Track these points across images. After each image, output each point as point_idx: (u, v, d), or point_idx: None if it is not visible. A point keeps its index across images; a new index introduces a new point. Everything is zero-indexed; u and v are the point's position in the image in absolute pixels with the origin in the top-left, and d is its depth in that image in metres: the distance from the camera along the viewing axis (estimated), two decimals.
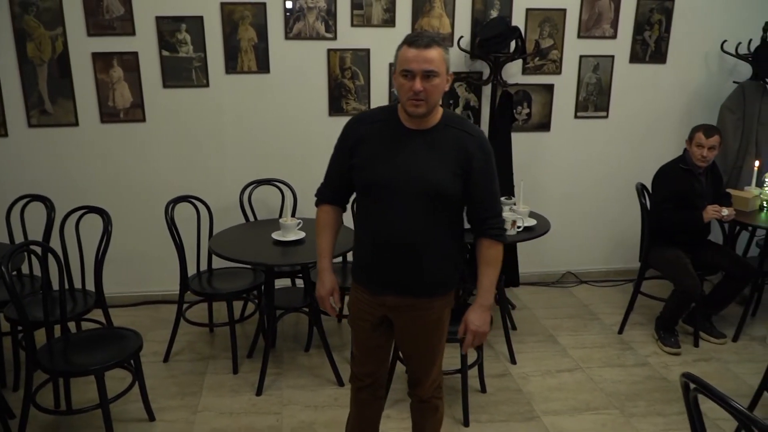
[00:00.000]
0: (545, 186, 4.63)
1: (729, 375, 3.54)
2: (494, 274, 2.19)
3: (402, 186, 2.05)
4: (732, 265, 3.80)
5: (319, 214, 2.32)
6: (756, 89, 4.35)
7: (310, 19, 4.11)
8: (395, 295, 2.18)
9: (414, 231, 2.09)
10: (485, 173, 2.10)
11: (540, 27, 4.34)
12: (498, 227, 2.16)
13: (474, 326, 2.19)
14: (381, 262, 2.16)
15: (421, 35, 2.00)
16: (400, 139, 2.09)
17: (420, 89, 1.96)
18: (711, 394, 1.69)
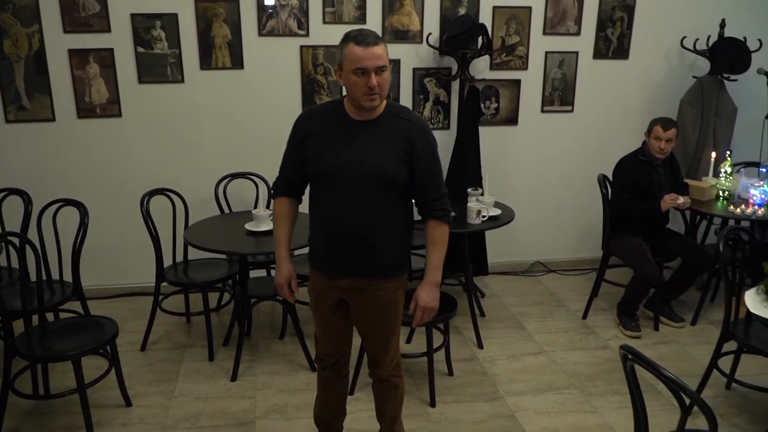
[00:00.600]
0: (514, 178, 4.78)
1: (686, 356, 3.71)
2: (441, 253, 2.32)
3: (352, 174, 2.18)
4: (689, 252, 3.98)
5: (276, 206, 2.44)
6: (714, 83, 4.52)
7: (283, 16, 4.21)
8: (350, 277, 2.30)
9: (365, 216, 2.21)
10: (428, 157, 2.24)
11: (506, 24, 4.49)
12: (442, 208, 2.30)
13: (424, 302, 2.33)
14: (335, 246, 2.28)
15: (365, 34, 2.11)
16: (348, 130, 2.21)
17: (375, 84, 2.10)
18: (644, 363, 1.84)
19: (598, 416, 3.13)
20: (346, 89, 2.18)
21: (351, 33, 2.13)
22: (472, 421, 3.08)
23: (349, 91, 2.17)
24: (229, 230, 3.61)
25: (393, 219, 2.28)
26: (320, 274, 2.38)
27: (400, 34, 4.37)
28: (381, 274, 2.31)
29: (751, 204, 3.95)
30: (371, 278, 2.30)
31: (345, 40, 2.13)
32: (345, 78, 2.15)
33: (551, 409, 3.19)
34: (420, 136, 2.23)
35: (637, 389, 1.92)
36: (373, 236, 2.24)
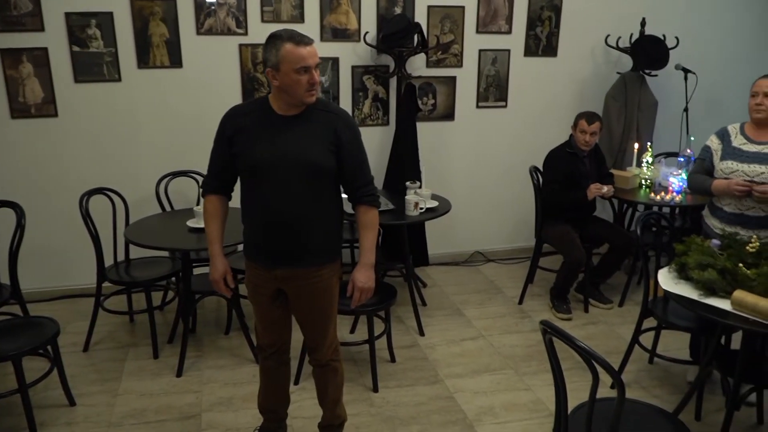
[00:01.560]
0: (451, 172, 4.94)
1: (613, 335, 3.95)
2: (373, 236, 2.46)
3: (282, 166, 2.28)
4: (615, 237, 4.22)
5: (206, 204, 2.51)
6: (636, 79, 4.79)
7: (221, 15, 4.25)
8: (285, 267, 2.40)
9: (297, 206, 2.32)
10: (353, 146, 2.37)
11: (441, 23, 4.64)
12: (371, 194, 2.43)
13: (360, 283, 2.45)
14: (269, 237, 2.37)
15: (300, 34, 2.22)
16: (276, 125, 2.31)
17: (318, 80, 2.25)
18: (560, 336, 2.00)
19: (530, 393, 3.32)
20: (284, 88, 2.24)
21: (283, 34, 2.21)
22: (413, 404, 3.22)
23: (290, 89, 2.23)
24: (171, 227, 3.64)
25: (324, 208, 2.39)
26: (256, 265, 2.46)
27: (338, 32, 4.47)
28: (315, 262, 2.41)
29: (671, 191, 4.21)
30: (306, 267, 2.40)
31: (278, 41, 2.20)
32: (284, 78, 2.21)
33: (487, 389, 3.36)
34: (345, 126, 2.35)
35: (555, 360, 2.08)
36: (305, 226, 2.35)
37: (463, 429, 3.03)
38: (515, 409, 3.19)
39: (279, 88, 2.26)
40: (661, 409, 2.34)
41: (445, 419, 3.10)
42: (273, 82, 2.26)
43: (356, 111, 4.65)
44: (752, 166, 2.93)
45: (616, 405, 1.90)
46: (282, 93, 2.27)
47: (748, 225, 2.97)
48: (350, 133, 2.37)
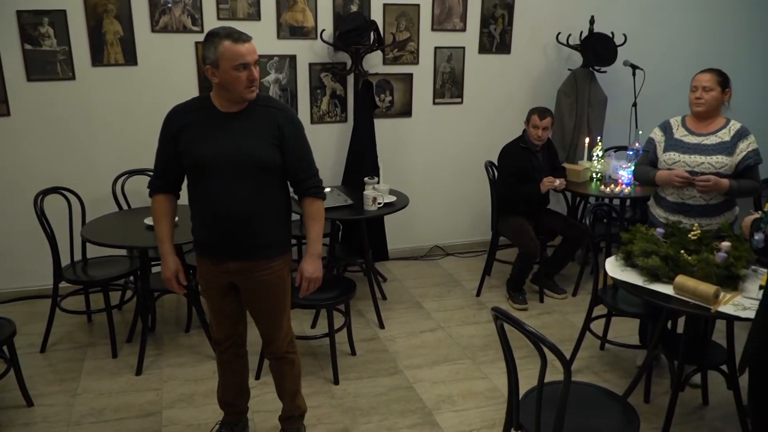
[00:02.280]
0: (410, 167, 5.02)
1: (567, 324, 4.08)
2: (319, 227, 2.52)
3: (228, 161, 2.31)
4: (567, 229, 4.35)
5: (154, 204, 2.53)
6: (586, 75, 4.94)
7: (176, 12, 4.24)
8: (236, 261, 2.43)
9: (244, 200, 2.35)
10: (296, 140, 2.42)
11: (397, 21, 4.71)
12: (315, 186, 2.49)
13: (308, 273, 2.51)
14: (218, 233, 2.40)
15: (238, 31, 2.24)
16: (220, 122, 2.34)
17: (257, 76, 2.29)
18: (510, 321, 2.09)
19: (488, 381, 3.41)
20: (224, 85, 2.28)
21: (221, 32, 2.24)
22: (373, 395, 3.28)
23: (229, 86, 2.27)
24: (129, 226, 3.62)
25: (271, 201, 2.43)
26: (207, 261, 2.50)
27: (294, 30, 4.50)
28: (265, 254, 2.45)
29: (620, 184, 4.37)
30: (256, 260, 2.44)
31: (216, 38, 2.23)
32: (223, 75, 2.25)
33: (446, 379, 3.44)
34: (287, 120, 2.39)
35: (506, 345, 2.17)
36: (253, 219, 2.38)
37: (422, 417, 3.10)
38: (472, 397, 3.27)
39: (219, 85, 2.29)
40: (610, 392, 2.45)
41: (404, 408, 3.17)
42: (213, 80, 2.29)
43: (314, 108, 4.69)
44: (693, 156, 3.07)
45: (563, 385, 1.99)
46: (222, 90, 2.31)
47: (690, 214, 3.11)
48: (293, 127, 2.41)
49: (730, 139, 3.03)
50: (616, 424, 2.23)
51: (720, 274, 2.61)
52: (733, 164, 3.01)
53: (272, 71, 4.52)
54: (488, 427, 3.02)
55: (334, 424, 3.04)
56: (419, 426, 3.03)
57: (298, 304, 3.36)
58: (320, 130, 4.73)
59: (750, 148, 3.01)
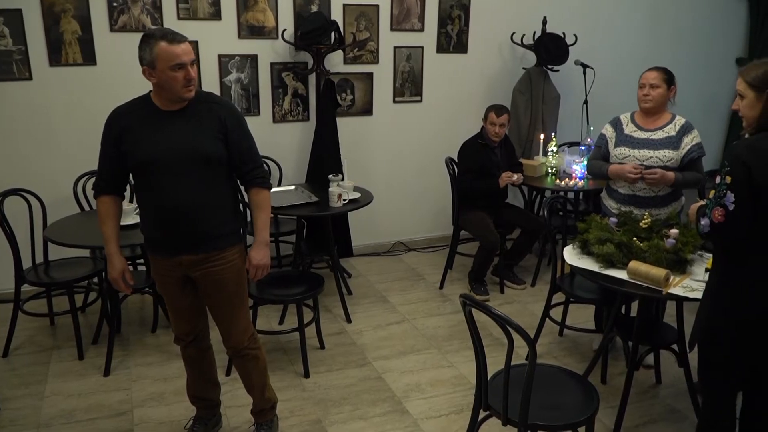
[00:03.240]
0: (372, 165, 5.11)
1: (527, 312, 4.23)
2: (266, 216, 2.60)
3: (173, 158, 2.36)
4: (525, 222, 4.51)
5: (99, 205, 2.54)
6: (539, 74, 5.12)
7: (135, 12, 4.22)
8: (188, 254, 2.48)
9: (192, 194, 2.40)
10: (239, 132, 2.48)
11: (356, 21, 4.79)
12: (261, 176, 2.56)
13: (255, 261, 2.59)
14: (168, 229, 2.45)
15: (173, 32, 2.30)
16: (162, 120, 2.39)
17: (194, 76, 2.34)
18: (478, 306, 2.20)
19: (453, 369, 3.53)
20: (162, 85, 2.33)
21: (156, 33, 2.29)
22: (343, 386, 3.36)
23: (167, 86, 2.32)
24: (92, 226, 3.59)
25: (218, 193, 2.48)
26: (160, 257, 2.54)
27: (255, 30, 4.53)
28: (216, 245, 2.50)
29: (574, 177, 4.55)
30: (208, 251, 2.49)
31: (151, 40, 2.28)
32: (160, 75, 2.29)
33: (413, 368, 3.54)
34: (228, 114, 2.46)
35: (474, 329, 2.28)
36: (202, 211, 2.44)
37: (393, 405, 3.20)
38: (440, 385, 3.39)
39: (157, 85, 2.35)
40: (571, 371, 2.59)
41: (375, 398, 3.26)
42: (150, 80, 2.34)
43: (276, 107, 4.73)
44: (642, 151, 3.25)
45: (529, 361, 2.11)
46: (161, 90, 2.36)
47: (640, 204, 3.29)
48: (234, 120, 2.47)
49: (675, 133, 3.23)
50: (577, 400, 2.37)
51: (670, 258, 2.78)
52: (679, 158, 3.21)
53: (233, 71, 4.54)
54: (456, 412, 3.14)
55: (307, 415, 3.11)
56: (390, 413, 3.13)
57: (268, 300, 3.42)
58: (283, 129, 4.77)
59: (694, 142, 3.21)
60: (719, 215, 2.10)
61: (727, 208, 2.08)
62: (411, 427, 3.04)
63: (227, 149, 2.44)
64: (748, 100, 2.15)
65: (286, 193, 4.12)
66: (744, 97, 2.16)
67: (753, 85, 2.12)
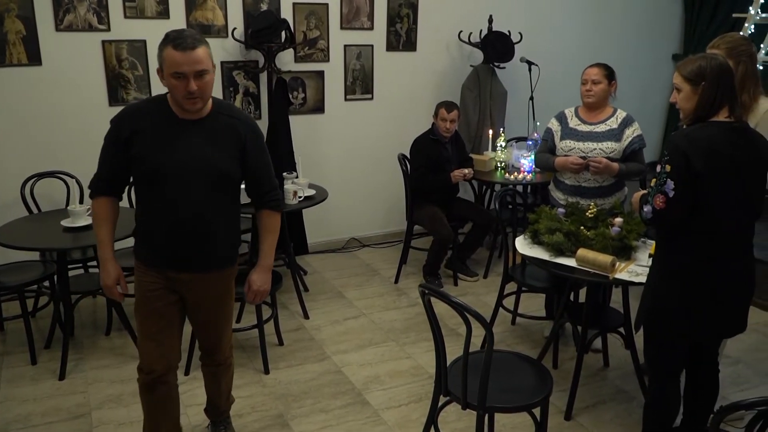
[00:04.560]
0: (325, 162, 5.14)
1: (480, 303, 4.35)
2: (274, 240, 2.51)
3: (186, 171, 2.23)
4: (477, 215, 4.64)
5: (96, 206, 2.39)
6: (487, 71, 5.25)
7: (81, 11, 4.14)
8: (189, 272, 2.36)
9: (201, 212, 2.28)
10: (259, 152, 2.38)
11: (306, 19, 4.82)
12: (276, 199, 2.48)
13: (257, 286, 2.51)
14: (173, 243, 2.32)
15: (184, 36, 2.11)
16: (177, 128, 2.25)
17: (195, 89, 2.14)
18: (437, 295, 2.28)
19: (411, 360, 3.61)
20: (170, 91, 2.22)
21: (171, 34, 2.14)
22: (304, 381, 3.40)
23: (172, 92, 2.21)
24: (44, 229, 3.53)
25: (227, 213, 2.39)
26: (155, 271, 2.38)
27: (204, 28, 4.51)
28: (217, 266, 2.42)
29: (523, 171, 4.70)
30: (210, 271, 2.40)
31: (164, 41, 2.14)
32: (166, 80, 2.17)
33: (372, 361, 3.61)
34: (249, 131, 2.34)
35: (434, 318, 2.36)
36: (209, 231, 2.33)
37: (353, 397, 3.25)
38: (399, 376, 3.46)
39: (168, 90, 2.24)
40: (525, 356, 2.70)
41: (335, 391, 3.31)
42: (162, 83, 2.21)
43: None
44: (586, 143, 3.40)
45: (486, 345, 2.20)
46: (172, 96, 2.25)
47: (586, 195, 3.44)
48: (255, 139, 2.36)
49: (617, 126, 3.39)
50: (532, 382, 2.48)
51: (615, 245, 2.93)
52: (621, 149, 3.37)
53: None
54: (415, 401, 3.22)
55: (268, 410, 3.14)
56: (351, 405, 3.19)
57: None
58: None
59: (635, 134, 3.38)
60: (660, 202, 2.24)
61: (667, 195, 2.22)
62: (372, 417, 3.10)
63: (243, 169, 2.33)
64: (684, 93, 2.29)
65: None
66: (681, 90, 2.30)
67: (689, 78, 2.26)
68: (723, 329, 2.47)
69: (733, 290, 2.34)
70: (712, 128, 2.23)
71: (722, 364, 3.46)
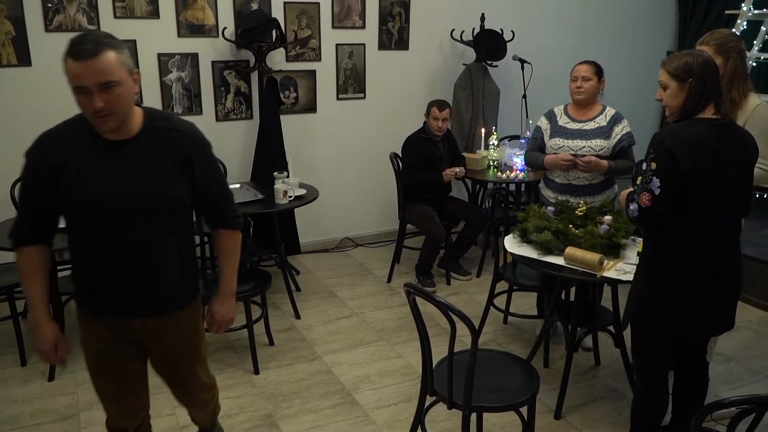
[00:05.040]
0: (317, 162, 5.13)
1: (473, 302, 4.34)
2: (236, 262, 2.20)
3: (124, 204, 1.87)
4: (469, 214, 4.63)
5: (21, 258, 1.96)
6: (479, 69, 5.24)
7: (71, 11, 4.13)
8: (144, 317, 2.02)
9: (149, 247, 1.95)
10: (209, 168, 2.02)
11: (298, 18, 4.81)
12: (234, 216, 2.15)
13: (219, 317, 2.21)
14: (120, 288, 1.97)
15: (85, 41, 1.73)
16: (106, 153, 1.87)
17: (100, 106, 1.74)
18: (421, 294, 2.27)
19: (402, 360, 3.61)
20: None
21: (73, 40, 1.75)
22: (294, 381, 3.39)
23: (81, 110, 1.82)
24: None
25: (179, 242, 2.04)
26: (101, 321, 2.02)
27: (195, 28, 4.50)
28: (177, 305, 2.08)
29: (515, 170, 4.69)
30: (168, 312, 2.06)
31: (65, 52, 1.75)
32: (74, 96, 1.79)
33: (363, 360, 3.60)
34: (195, 145, 1.98)
35: (419, 317, 2.35)
36: (160, 269, 1.99)
37: (343, 397, 3.25)
38: (389, 375, 3.45)
39: None
40: (513, 355, 2.69)
41: (324, 391, 3.30)
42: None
43: (219, 106, 4.70)
44: (575, 141, 3.39)
45: (471, 347, 2.19)
46: None
47: (575, 193, 3.43)
48: (202, 153, 2.00)
49: (606, 124, 3.38)
50: (519, 381, 2.47)
51: (603, 244, 2.92)
52: (611, 146, 3.36)
53: (174, 70, 4.50)
54: (405, 401, 3.21)
55: (257, 411, 3.13)
56: (340, 405, 3.18)
57: None
58: (226, 127, 4.75)
59: (624, 131, 3.37)
60: (646, 200, 2.23)
61: (653, 193, 2.21)
62: (361, 417, 3.09)
63: (192, 189, 1.97)
64: (671, 90, 2.28)
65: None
66: (667, 87, 2.29)
67: (675, 75, 2.25)
68: (711, 327, 2.46)
69: (721, 288, 2.33)
70: (699, 125, 2.22)
71: (714, 362, 3.48)
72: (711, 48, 2.77)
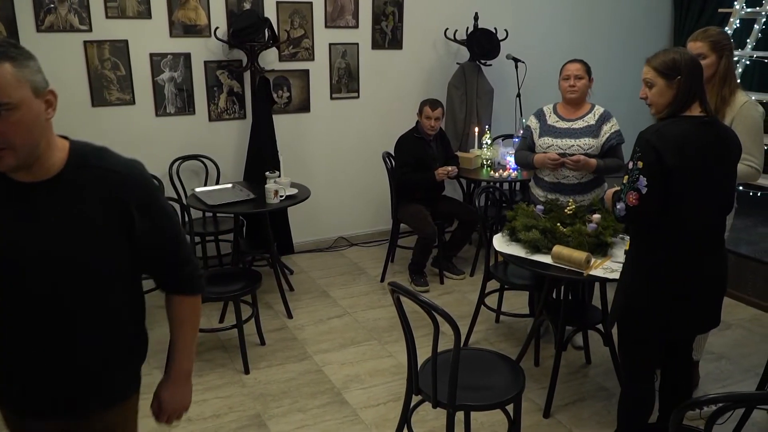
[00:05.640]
0: (311, 162, 5.14)
1: (466, 301, 4.34)
2: (192, 334, 1.73)
3: (35, 270, 1.43)
4: (462, 213, 4.63)
5: None
6: (473, 68, 5.24)
7: (62, 11, 4.14)
8: (55, 419, 1.58)
9: (72, 328, 1.50)
10: (153, 217, 1.55)
11: (290, 18, 4.81)
12: (189, 277, 1.66)
13: (170, 407, 1.73)
14: (28, 378, 1.52)
15: None
16: (17, 202, 1.44)
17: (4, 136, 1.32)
18: (405, 293, 2.27)
19: (393, 359, 3.61)
20: None
21: None
22: (284, 380, 3.39)
23: None
24: None
25: (112, 318, 1.57)
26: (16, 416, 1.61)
27: (187, 28, 4.50)
28: (110, 399, 1.62)
29: (508, 169, 4.69)
30: (87, 415, 1.60)
31: None
32: None
33: (353, 360, 3.60)
34: (135, 188, 1.51)
35: (403, 316, 2.35)
36: (85, 354, 1.53)
37: (332, 397, 3.25)
38: (379, 375, 3.45)
39: None
40: (500, 354, 2.69)
41: (314, 390, 3.30)
42: None
43: (212, 106, 4.70)
44: (564, 140, 3.38)
45: (453, 346, 2.19)
46: None
47: (565, 191, 3.42)
48: (145, 198, 1.53)
49: (595, 122, 3.37)
50: (504, 380, 2.47)
51: (591, 242, 2.91)
52: (599, 145, 3.35)
53: (166, 70, 4.50)
54: (394, 400, 3.21)
55: (246, 411, 3.13)
56: (329, 405, 3.18)
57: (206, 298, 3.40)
58: (219, 127, 4.76)
59: (612, 129, 3.37)
60: (633, 199, 2.22)
61: (640, 192, 2.20)
62: (350, 416, 3.09)
63: (132, 247, 1.54)
64: (657, 88, 2.27)
65: (222, 191, 4.11)
66: (653, 84, 2.28)
67: (663, 72, 2.24)
68: (697, 325, 2.46)
69: (706, 286, 2.33)
70: (685, 123, 2.22)
71: (705, 360, 3.47)
72: (705, 45, 2.78)
